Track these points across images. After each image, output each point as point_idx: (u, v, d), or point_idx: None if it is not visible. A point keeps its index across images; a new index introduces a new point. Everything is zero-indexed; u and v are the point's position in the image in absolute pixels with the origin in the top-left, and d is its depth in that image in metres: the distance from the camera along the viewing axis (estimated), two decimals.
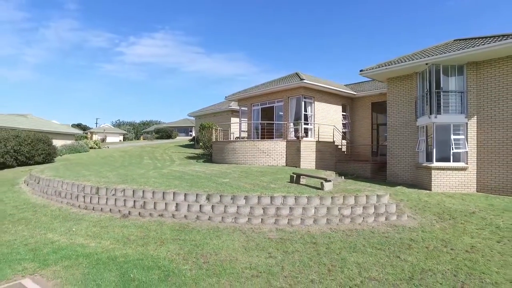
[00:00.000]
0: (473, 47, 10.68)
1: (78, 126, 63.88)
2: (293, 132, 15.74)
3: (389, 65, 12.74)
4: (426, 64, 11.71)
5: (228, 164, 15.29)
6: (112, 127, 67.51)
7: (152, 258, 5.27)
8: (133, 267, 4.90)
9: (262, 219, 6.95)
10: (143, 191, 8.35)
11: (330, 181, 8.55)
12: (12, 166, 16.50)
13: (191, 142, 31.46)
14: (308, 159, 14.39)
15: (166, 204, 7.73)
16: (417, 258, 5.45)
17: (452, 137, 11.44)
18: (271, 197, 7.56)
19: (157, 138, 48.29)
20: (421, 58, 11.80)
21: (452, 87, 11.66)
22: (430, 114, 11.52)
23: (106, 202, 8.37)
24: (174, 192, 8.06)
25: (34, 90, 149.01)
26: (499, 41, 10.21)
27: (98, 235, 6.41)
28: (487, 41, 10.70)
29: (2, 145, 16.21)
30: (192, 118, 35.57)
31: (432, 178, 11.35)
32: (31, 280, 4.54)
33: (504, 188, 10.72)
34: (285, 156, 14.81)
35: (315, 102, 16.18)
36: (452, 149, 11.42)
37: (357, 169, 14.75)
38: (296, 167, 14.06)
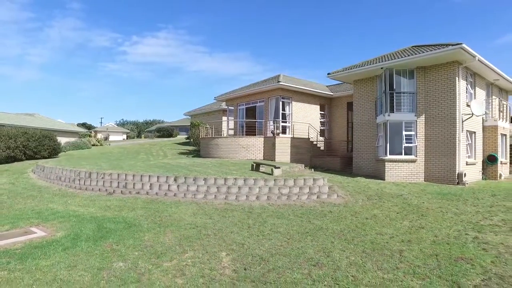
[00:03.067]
0: (418, 53, 12.56)
1: (83, 125, 67.03)
2: (272, 130, 17.79)
3: (351, 69, 14.69)
4: (382, 68, 13.61)
5: (212, 158, 17.41)
6: (116, 126, 70.63)
7: (122, 218, 7.42)
8: (107, 221, 7.06)
9: (215, 196, 9.07)
10: (125, 175, 10.56)
11: (279, 168, 10.59)
12: (21, 160, 18.92)
13: (188, 140, 33.76)
14: (283, 154, 16.41)
15: (142, 184, 9.94)
16: (323, 222, 7.44)
17: (404, 133, 13.32)
18: (225, 179, 9.67)
19: (158, 136, 50.81)
20: (377, 63, 13.71)
21: (405, 88, 13.54)
22: (385, 112, 13.43)
23: (96, 183, 10.61)
24: (149, 175, 10.25)
25: (41, 90, 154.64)
26: (438, 49, 12.07)
27: (86, 205, 8.61)
28: (431, 48, 12.55)
29: (12, 140, 18.65)
30: (189, 117, 37.85)
31: (386, 169, 13.26)
32: (36, 227, 6.72)
33: (444, 178, 12.58)
34: (262, 151, 16.86)
35: (293, 102, 18.23)
36: (404, 144, 13.30)
37: (328, 163, 16.71)
38: (272, 160, 16.10)
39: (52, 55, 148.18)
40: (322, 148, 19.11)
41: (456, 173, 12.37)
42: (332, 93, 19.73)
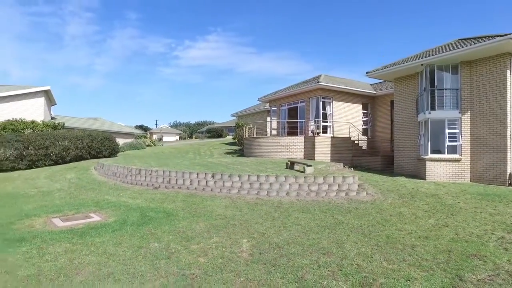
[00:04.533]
0: (462, 47, 12.15)
1: (141, 127, 72.51)
2: (313, 129, 18.18)
3: (389, 67, 14.58)
4: (422, 64, 13.36)
5: (254, 157, 18.29)
6: (170, 127, 75.30)
7: (163, 208, 8.55)
8: (150, 211, 8.22)
9: (248, 191, 9.88)
10: (169, 171, 11.84)
11: (311, 166, 11.07)
12: (86, 158, 21.54)
13: (234, 140, 35.21)
14: (323, 153, 16.73)
15: (183, 180, 11.12)
16: (345, 217, 7.84)
17: (447, 131, 12.94)
18: (257, 176, 10.43)
19: (209, 137, 53.33)
20: (417, 59, 13.48)
21: (447, 85, 13.14)
22: (426, 110, 13.17)
23: (145, 179, 12.05)
24: (190, 172, 11.40)
25: (104, 95, 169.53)
26: (486, 41, 11.59)
27: (135, 197, 9.94)
28: (478, 41, 12.05)
29: (80, 142, 21.31)
30: (236, 118, 39.34)
31: (427, 169, 13.01)
32: (94, 213, 8.08)
33: (492, 178, 12.02)
34: (303, 150, 17.34)
35: (334, 102, 18.44)
36: (447, 142, 12.93)
37: (369, 162, 16.66)
38: (312, 159, 16.52)
39: (114, 63, 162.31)
40: (364, 147, 19.00)
41: (508, 173, 11.75)
42: (375, 92, 19.53)
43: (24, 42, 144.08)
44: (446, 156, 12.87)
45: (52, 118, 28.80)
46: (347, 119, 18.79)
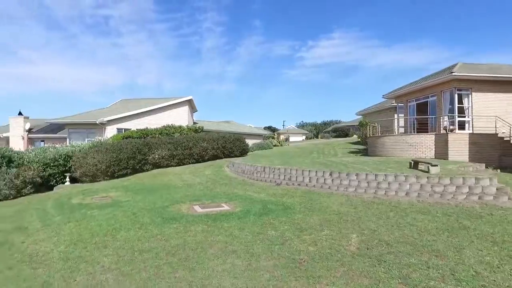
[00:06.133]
0: None
1: (269, 128, 77.42)
2: (446, 126, 16.36)
3: None
4: None
5: (378, 156, 17.66)
6: (296, 128, 77.90)
7: (282, 202, 9.46)
8: (270, 204, 9.26)
9: (365, 190, 9.87)
10: (290, 169, 12.78)
11: (436, 165, 10.10)
12: (221, 158, 24.77)
13: (359, 140, 34.20)
14: (458, 152, 14.90)
15: (303, 177, 11.88)
16: (473, 223, 7.07)
17: None
18: (375, 175, 10.24)
19: (335, 137, 53.03)
20: None
21: None
22: None
23: (268, 176, 13.34)
24: (309, 170, 12.07)
25: (235, 99, 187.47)
26: None
27: (259, 192, 11.23)
28: None
29: (215, 143, 24.71)
30: (361, 116, 38.04)
31: None
32: (224, 204, 9.64)
33: None
34: (434, 149, 15.79)
35: (473, 93, 16.09)
36: None
37: None
38: (444, 159, 14.95)
39: (242, 69, 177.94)
40: None
41: None
42: None
43: (173, 59, 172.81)
44: None
45: (194, 123, 34.06)
46: (493, 112, 16.10)
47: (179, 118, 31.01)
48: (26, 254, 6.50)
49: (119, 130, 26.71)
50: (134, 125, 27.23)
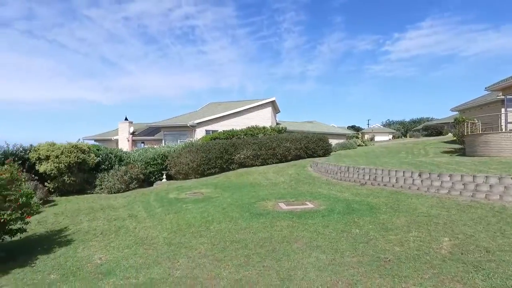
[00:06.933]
0: None
1: (352, 127, 74.76)
2: None
3: None
4: None
5: (479, 157, 15.95)
6: (382, 126, 73.69)
7: (367, 202, 9.39)
8: (354, 203, 9.27)
9: (460, 192, 9.14)
10: (375, 169, 12.45)
11: None
12: (303, 157, 25.03)
13: (454, 138, 30.91)
14: None
15: (389, 177, 11.47)
16: None
17: None
18: (473, 176, 9.36)
19: (426, 135, 48.87)
20: None
21: None
22: None
23: (352, 176, 13.19)
24: (396, 170, 11.60)
25: (317, 99, 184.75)
26: None
27: (342, 191, 11.26)
28: None
29: (298, 143, 25.07)
30: (457, 112, 34.36)
31: None
32: (309, 202, 9.96)
33: None
34: None
35: None
36: None
37: None
38: None
39: (324, 67, 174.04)
40: None
41: None
42: None
43: (254, 62, 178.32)
44: None
45: (277, 123, 34.92)
46: None
47: (263, 119, 32.23)
48: (138, 237, 7.82)
49: (207, 131, 28.93)
50: (220, 126, 29.19)
